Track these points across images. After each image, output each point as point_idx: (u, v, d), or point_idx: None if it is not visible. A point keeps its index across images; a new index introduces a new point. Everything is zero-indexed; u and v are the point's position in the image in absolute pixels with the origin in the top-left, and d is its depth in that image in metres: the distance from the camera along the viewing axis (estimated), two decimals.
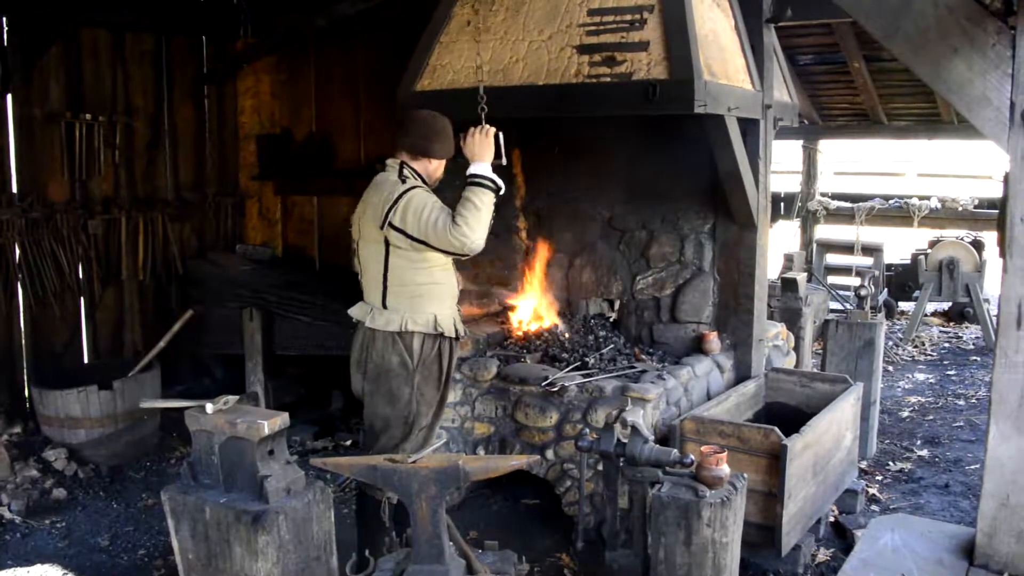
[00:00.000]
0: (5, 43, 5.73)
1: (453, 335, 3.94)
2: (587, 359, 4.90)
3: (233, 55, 7.11)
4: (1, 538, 4.71)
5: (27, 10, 5.75)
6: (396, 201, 3.70)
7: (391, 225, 3.70)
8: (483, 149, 3.81)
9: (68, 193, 6.21)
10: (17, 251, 5.88)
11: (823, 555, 4.48)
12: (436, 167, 3.95)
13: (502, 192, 3.82)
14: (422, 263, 3.80)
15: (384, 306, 3.83)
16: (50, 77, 6.06)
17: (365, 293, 3.94)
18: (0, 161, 5.85)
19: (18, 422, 5.79)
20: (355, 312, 3.95)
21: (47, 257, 5.99)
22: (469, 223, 3.64)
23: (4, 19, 5.74)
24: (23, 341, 6.08)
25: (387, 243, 3.77)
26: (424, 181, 3.89)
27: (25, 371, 6.11)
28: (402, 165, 3.87)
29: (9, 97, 5.85)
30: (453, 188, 3.94)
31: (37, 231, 5.95)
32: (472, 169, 3.78)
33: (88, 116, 6.17)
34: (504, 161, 3.90)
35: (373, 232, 3.79)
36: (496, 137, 3.86)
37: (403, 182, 3.78)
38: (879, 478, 5.48)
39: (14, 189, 5.93)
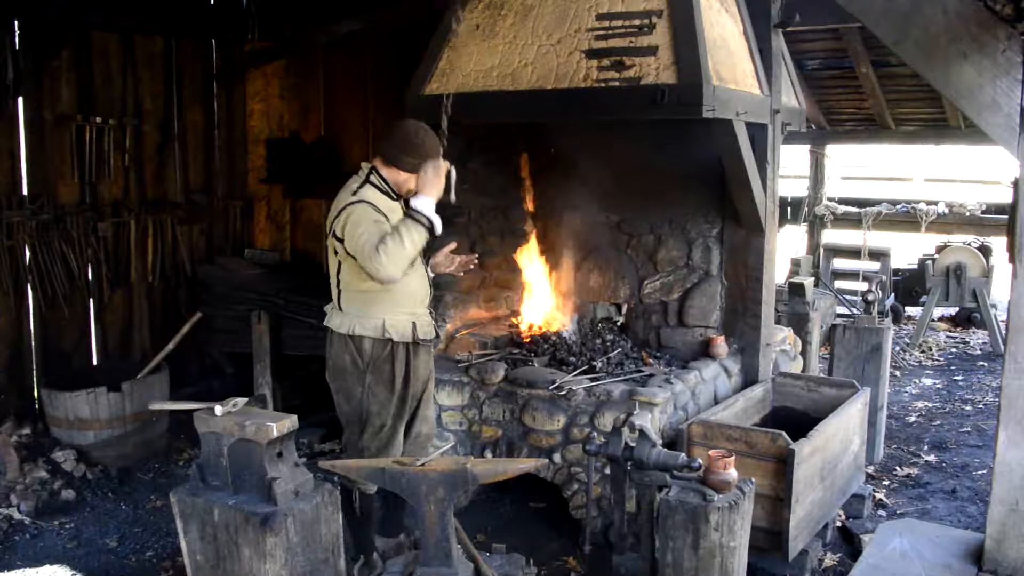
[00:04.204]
0: (16, 46, 5.76)
1: (408, 340, 3.90)
2: (595, 363, 4.90)
3: (242, 58, 7.15)
4: (10, 539, 4.73)
5: (38, 13, 5.79)
6: (340, 212, 3.75)
7: (334, 235, 3.77)
8: (433, 185, 3.74)
9: (78, 195, 6.24)
10: (27, 253, 5.91)
11: (830, 560, 4.48)
12: (406, 179, 3.86)
13: (438, 234, 3.75)
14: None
15: (340, 307, 3.92)
16: (61, 80, 6.09)
17: (332, 293, 4.00)
18: (11, 163, 5.88)
19: (27, 423, 5.82)
20: (325, 309, 4.03)
21: (57, 259, 6.02)
22: (390, 255, 3.57)
23: (15, 22, 5.77)
24: (32, 343, 6.11)
25: None
26: (392, 189, 3.88)
27: (34, 372, 6.13)
28: (372, 170, 3.89)
29: (20, 100, 5.87)
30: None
31: (47, 233, 5.98)
32: (414, 203, 3.71)
33: (98, 119, 6.21)
34: (453, 199, 3.86)
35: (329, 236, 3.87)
36: (448, 175, 3.80)
37: (356, 192, 3.80)
38: (886, 483, 5.47)
39: (24, 191, 5.97)
